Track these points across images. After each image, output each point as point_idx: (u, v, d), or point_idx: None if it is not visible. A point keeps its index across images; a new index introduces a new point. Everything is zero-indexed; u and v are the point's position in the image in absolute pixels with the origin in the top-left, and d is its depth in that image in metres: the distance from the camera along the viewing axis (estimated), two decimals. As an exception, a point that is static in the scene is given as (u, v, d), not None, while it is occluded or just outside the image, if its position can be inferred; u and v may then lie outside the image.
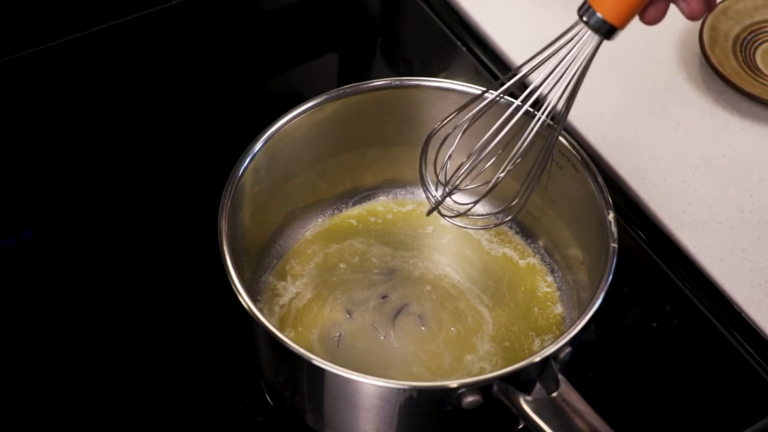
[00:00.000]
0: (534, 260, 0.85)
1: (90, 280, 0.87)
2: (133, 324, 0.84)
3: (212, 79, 1.04)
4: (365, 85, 0.82)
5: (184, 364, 0.82)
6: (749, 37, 1.01)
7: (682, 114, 0.98)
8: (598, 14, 0.64)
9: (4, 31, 1.03)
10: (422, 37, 1.09)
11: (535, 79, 0.68)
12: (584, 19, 0.65)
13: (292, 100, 0.81)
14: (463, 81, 0.81)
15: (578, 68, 0.67)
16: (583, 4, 0.65)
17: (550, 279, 0.84)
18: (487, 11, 1.06)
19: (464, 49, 1.05)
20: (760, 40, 1.01)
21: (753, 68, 0.99)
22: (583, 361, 0.82)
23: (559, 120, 0.70)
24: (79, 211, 0.92)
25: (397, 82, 0.82)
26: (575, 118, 0.95)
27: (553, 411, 0.66)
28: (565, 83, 0.67)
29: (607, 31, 0.65)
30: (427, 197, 0.77)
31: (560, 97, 0.68)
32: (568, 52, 0.66)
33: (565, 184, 0.79)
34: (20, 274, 0.87)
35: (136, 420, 0.79)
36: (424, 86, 0.82)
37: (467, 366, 0.78)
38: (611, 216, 0.73)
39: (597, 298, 0.69)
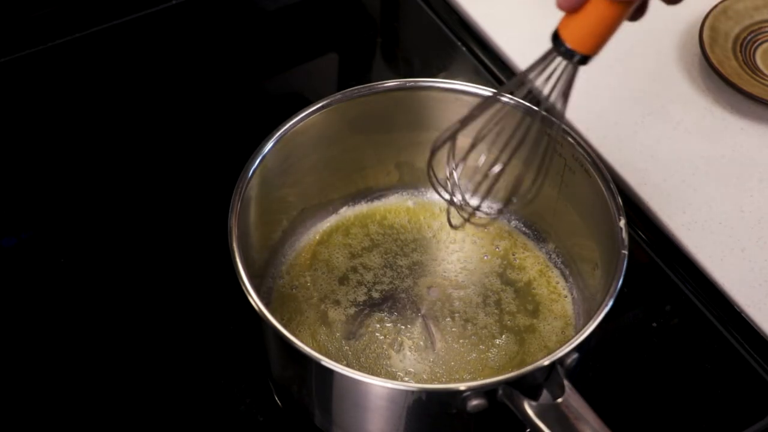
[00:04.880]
0: (544, 265, 0.85)
1: (90, 280, 0.87)
2: (136, 324, 0.84)
3: (212, 79, 1.04)
4: (380, 86, 0.81)
5: (191, 363, 0.82)
6: (749, 37, 1.01)
7: (682, 114, 0.98)
8: (567, 45, 0.63)
9: (4, 31, 1.03)
10: (422, 37, 1.09)
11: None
12: (556, 46, 0.64)
13: (292, 100, 0.81)
14: (463, 81, 0.81)
15: (561, 88, 0.65)
16: (554, 32, 0.64)
17: (560, 284, 0.83)
18: (487, 11, 1.06)
19: (464, 49, 1.05)
20: (760, 40, 1.01)
21: (753, 68, 0.99)
22: (583, 361, 0.82)
23: (555, 123, 0.70)
24: (79, 211, 0.92)
25: (411, 83, 0.82)
26: (575, 118, 0.95)
27: (557, 417, 0.65)
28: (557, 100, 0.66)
29: (579, 60, 0.63)
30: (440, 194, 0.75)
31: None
32: (550, 73, 0.65)
33: (578, 189, 0.79)
34: (20, 274, 0.87)
35: (139, 420, 0.79)
36: (437, 87, 0.81)
37: (474, 370, 0.78)
38: (622, 222, 0.73)
39: (605, 305, 0.69)
